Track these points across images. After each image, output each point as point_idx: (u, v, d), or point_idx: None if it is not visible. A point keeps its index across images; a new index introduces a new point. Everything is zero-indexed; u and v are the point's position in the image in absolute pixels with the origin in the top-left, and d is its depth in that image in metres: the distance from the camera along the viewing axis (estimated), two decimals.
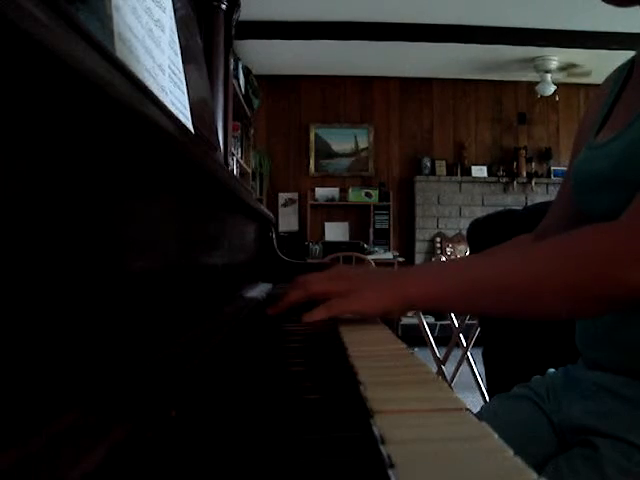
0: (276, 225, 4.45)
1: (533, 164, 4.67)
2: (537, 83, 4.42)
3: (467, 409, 0.26)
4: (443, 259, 4.38)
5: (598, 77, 0.85)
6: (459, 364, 2.51)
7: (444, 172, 4.68)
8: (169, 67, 0.56)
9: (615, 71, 0.68)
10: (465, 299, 0.53)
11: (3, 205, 0.20)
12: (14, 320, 0.21)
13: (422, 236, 4.66)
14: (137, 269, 0.36)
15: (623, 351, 0.57)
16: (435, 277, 0.56)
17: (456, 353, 2.56)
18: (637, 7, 0.58)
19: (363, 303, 0.55)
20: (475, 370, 2.42)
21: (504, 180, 4.64)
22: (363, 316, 0.58)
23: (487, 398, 2.00)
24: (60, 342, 0.24)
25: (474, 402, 2.27)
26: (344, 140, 4.77)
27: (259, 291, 0.94)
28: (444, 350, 2.58)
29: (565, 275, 0.47)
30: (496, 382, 1.09)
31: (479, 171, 4.69)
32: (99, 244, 0.29)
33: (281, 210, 4.69)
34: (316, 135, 4.75)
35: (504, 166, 4.68)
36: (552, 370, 0.71)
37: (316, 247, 4.46)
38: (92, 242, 0.28)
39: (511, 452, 0.20)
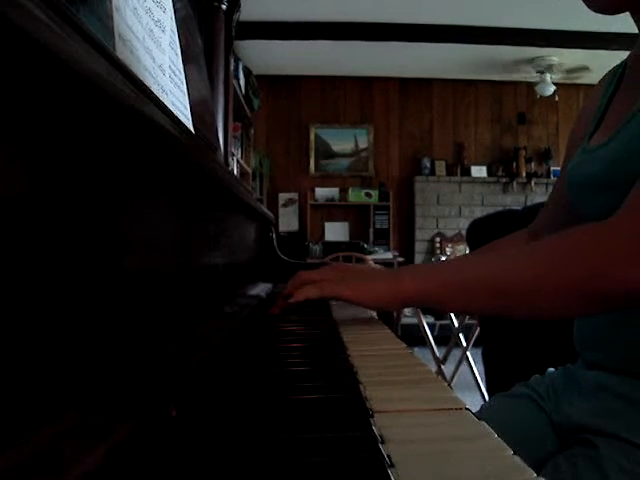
0: (276, 225, 4.45)
1: (533, 164, 4.67)
2: (537, 83, 4.42)
3: (467, 408, 0.26)
4: (443, 259, 4.38)
5: (597, 77, 0.85)
6: (459, 364, 2.51)
7: (444, 172, 4.68)
8: (169, 67, 0.56)
9: (608, 73, 0.68)
10: (462, 297, 0.53)
11: (3, 205, 0.20)
12: (14, 320, 0.21)
13: (422, 236, 4.66)
14: (137, 269, 0.36)
15: (621, 351, 0.57)
16: (431, 274, 0.56)
17: (456, 353, 2.56)
18: (627, 13, 0.58)
19: (356, 292, 0.56)
20: (475, 370, 2.42)
21: (504, 180, 4.64)
22: (356, 304, 0.58)
23: (487, 397, 2.00)
24: (60, 342, 0.24)
25: (474, 401, 2.27)
26: (344, 140, 4.77)
27: (259, 291, 0.94)
28: (444, 350, 2.58)
29: (561, 274, 0.47)
30: (496, 381, 1.09)
31: (479, 171, 4.69)
32: (100, 244, 0.29)
33: (281, 210, 4.69)
34: (316, 135, 4.75)
35: (504, 166, 4.68)
36: (552, 369, 0.71)
37: (316, 247, 4.46)
38: (93, 242, 0.28)
39: (510, 451, 0.20)
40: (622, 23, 0.62)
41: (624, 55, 0.67)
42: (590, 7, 0.57)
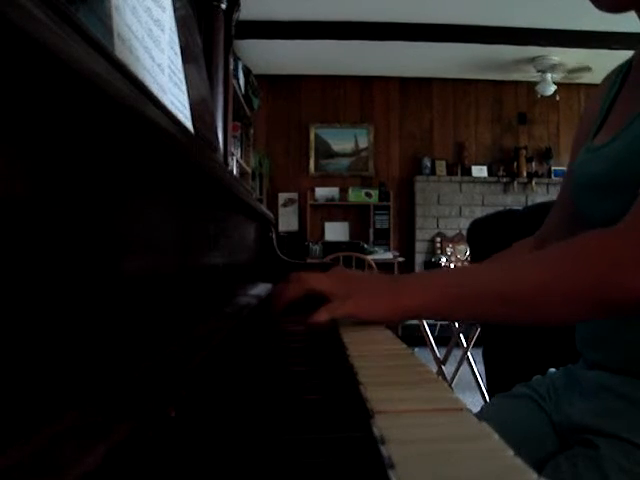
0: (276, 225, 4.45)
1: (533, 164, 4.67)
2: (537, 83, 4.42)
3: (467, 409, 0.26)
4: (443, 260, 4.37)
5: (599, 77, 0.85)
6: (459, 364, 2.51)
7: (444, 172, 4.68)
8: (169, 67, 0.56)
9: (613, 72, 0.68)
10: (465, 307, 0.52)
11: (3, 205, 0.20)
12: (14, 320, 0.21)
13: (422, 236, 4.65)
14: (137, 269, 0.36)
15: (622, 352, 0.57)
16: (432, 286, 0.54)
17: (456, 353, 2.56)
18: (631, 11, 0.58)
19: (363, 309, 0.55)
20: (475, 370, 2.42)
21: (504, 180, 4.64)
22: (363, 321, 0.58)
23: (487, 398, 1.99)
24: (60, 342, 0.24)
25: (474, 402, 2.27)
26: (344, 140, 4.77)
27: (259, 291, 0.94)
28: (444, 350, 2.58)
29: (569, 281, 0.46)
30: (496, 382, 1.09)
31: (479, 171, 4.69)
32: (99, 244, 0.29)
33: (281, 210, 4.69)
34: (316, 135, 4.75)
35: (504, 166, 4.68)
36: (553, 370, 0.71)
37: (316, 247, 4.46)
38: (92, 242, 0.28)
39: (511, 452, 0.20)
40: (624, 22, 0.62)
41: (625, 55, 0.67)
42: (597, 6, 0.57)
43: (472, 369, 2.44)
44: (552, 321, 0.50)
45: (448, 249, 4.57)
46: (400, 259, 4.48)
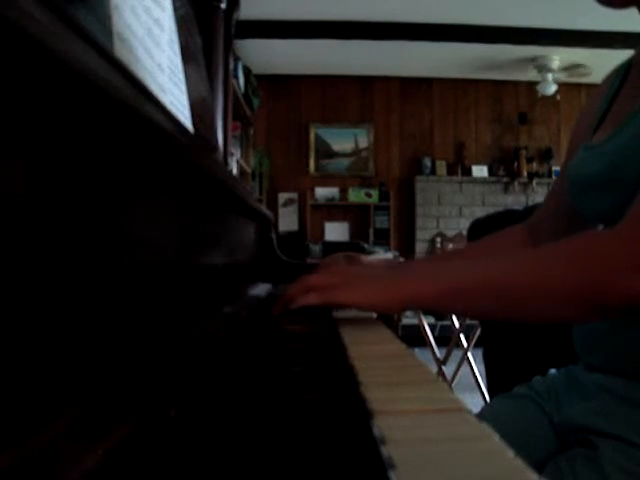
0: (276, 225, 4.45)
1: (534, 164, 4.67)
2: (538, 82, 4.41)
3: (467, 409, 0.26)
4: None
5: (599, 76, 0.85)
6: (459, 364, 2.51)
7: (444, 172, 4.68)
8: (168, 66, 0.56)
9: (613, 71, 0.68)
10: (460, 300, 0.52)
11: (3, 205, 0.20)
12: (14, 319, 0.21)
13: (422, 236, 4.65)
14: (136, 269, 0.36)
15: (621, 354, 0.57)
16: (430, 277, 0.55)
17: (456, 353, 2.56)
18: (633, 8, 0.58)
19: (357, 296, 0.55)
20: (475, 370, 2.42)
21: (505, 180, 4.64)
22: (356, 308, 0.58)
23: (487, 399, 1.99)
24: (60, 342, 0.24)
25: (475, 403, 2.27)
26: (344, 140, 4.77)
27: (259, 291, 0.94)
28: (444, 350, 2.58)
29: (563, 280, 0.46)
30: (497, 382, 1.09)
31: (480, 171, 4.69)
32: (99, 244, 0.29)
33: (281, 210, 4.69)
34: (316, 135, 4.75)
35: (505, 166, 4.68)
36: (553, 370, 0.71)
37: (316, 247, 4.46)
38: (92, 242, 0.28)
39: (512, 453, 0.20)
40: (624, 22, 0.62)
41: (626, 54, 0.67)
42: (599, 1, 0.57)
43: (472, 369, 2.44)
44: (544, 319, 0.51)
45: (448, 249, 4.57)
46: (400, 259, 4.48)
